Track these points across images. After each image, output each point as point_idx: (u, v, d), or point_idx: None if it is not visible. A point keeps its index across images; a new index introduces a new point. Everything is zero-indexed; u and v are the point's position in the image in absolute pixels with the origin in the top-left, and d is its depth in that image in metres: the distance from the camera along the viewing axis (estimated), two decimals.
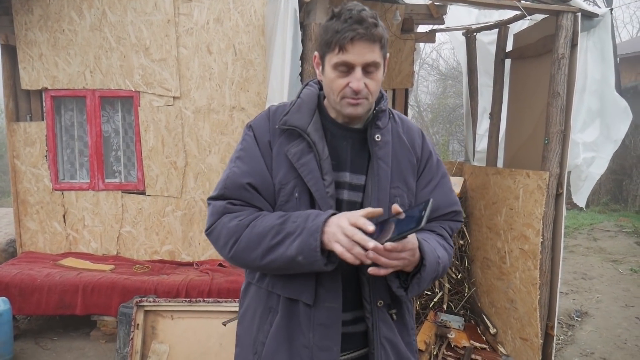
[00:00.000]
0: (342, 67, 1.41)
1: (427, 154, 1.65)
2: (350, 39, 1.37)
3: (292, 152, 1.47)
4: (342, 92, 1.43)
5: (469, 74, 5.24)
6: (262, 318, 1.54)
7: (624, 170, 10.73)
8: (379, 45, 1.41)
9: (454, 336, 4.12)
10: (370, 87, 1.43)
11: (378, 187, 1.49)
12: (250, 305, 1.60)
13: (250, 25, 4.71)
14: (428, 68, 17.43)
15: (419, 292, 1.48)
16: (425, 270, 1.42)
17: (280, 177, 1.48)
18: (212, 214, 1.51)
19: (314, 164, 1.45)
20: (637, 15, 32.58)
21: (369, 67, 1.41)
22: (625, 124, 3.85)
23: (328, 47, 1.43)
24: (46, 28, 4.70)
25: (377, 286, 1.52)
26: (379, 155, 1.51)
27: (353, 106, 1.44)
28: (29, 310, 4.13)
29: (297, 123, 1.49)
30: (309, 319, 1.47)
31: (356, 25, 1.37)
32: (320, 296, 1.46)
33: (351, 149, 1.53)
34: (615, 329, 4.75)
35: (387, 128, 1.56)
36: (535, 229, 3.63)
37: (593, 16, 3.65)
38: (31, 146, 4.85)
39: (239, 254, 1.44)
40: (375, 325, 1.53)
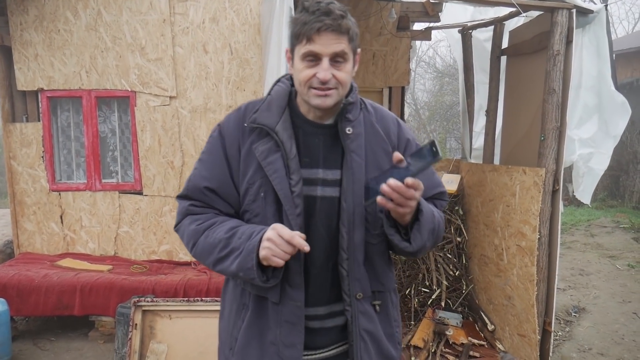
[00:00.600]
0: (310, 57, 1.41)
1: (405, 141, 1.64)
2: (317, 29, 1.37)
3: (259, 150, 1.48)
4: (309, 82, 1.43)
5: (465, 71, 5.25)
6: (237, 314, 1.58)
7: (621, 166, 10.76)
8: (347, 37, 1.42)
9: (452, 333, 4.13)
10: (338, 77, 1.43)
11: (353, 180, 1.49)
12: (228, 301, 1.65)
13: (246, 24, 4.71)
14: (425, 66, 17.44)
15: (421, 242, 1.47)
16: (422, 215, 1.44)
17: (249, 176, 1.49)
18: (178, 212, 1.60)
19: (280, 163, 1.46)
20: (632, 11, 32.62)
21: (336, 57, 1.41)
22: (624, 120, 3.86)
23: (296, 38, 1.43)
24: (42, 28, 4.69)
25: (356, 278, 1.53)
26: (352, 148, 1.51)
27: (321, 97, 1.43)
28: (26, 311, 4.13)
29: (265, 121, 1.49)
30: (276, 316, 1.50)
31: (323, 16, 1.38)
32: (286, 294, 1.48)
33: (323, 145, 1.53)
34: (613, 324, 4.76)
35: (358, 120, 1.55)
36: (532, 225, 3.63)
37: (588, 12, 3.66)
38: (27, 147, 4.84)
39: (197, 256, 1.52)
40: (354, 317, 1.53)
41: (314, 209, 1.50)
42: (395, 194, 1.31)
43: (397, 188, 1.30)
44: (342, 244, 1.50)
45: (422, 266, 4.70)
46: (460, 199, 4.92)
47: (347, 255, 1.50)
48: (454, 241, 4.78)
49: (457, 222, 4.81)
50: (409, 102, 15.47)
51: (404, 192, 1.30)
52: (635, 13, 27.62)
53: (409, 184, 1.29)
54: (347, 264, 1.51)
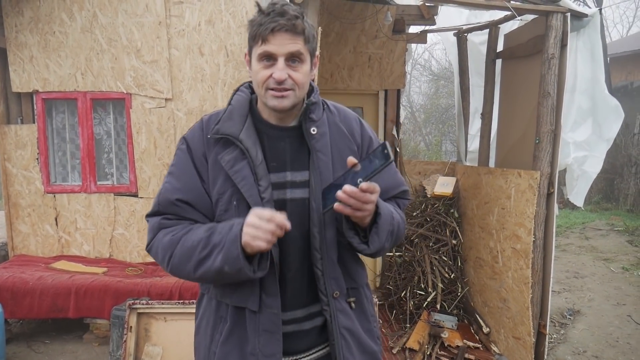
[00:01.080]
0: (265, 58, 1.43)
1: (368, 139, 1.66)
2: (272, 29, 1.39)
3: (225, 159, 1.48)
4: (265, 83, 1.43)
5: (461, 74, 5.27)
6: (215, 327, 1.56)
7: (615, 169, 10.81)
8: (302, 38, 1.43)
9: (447, 336, 4.14)
10: (295, 78, 1.43)
11: (321, 179, 1.50)
12: (204, 316, 1.63)
13: (242, 26, 4.71)
14: (420, 69, 17.47)
15: (379, 244, 1.50)
16: (380, 218, 1.46)
17: (218, 187, 1.49)
18: (149, 230, 1.54)
19: (247, 171, 1.46)
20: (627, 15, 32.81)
21: (292, 57, 1.43)
22: (617, 123, 3.88)
23: (253, 40, 1.45)
24: (37, 30, 4.68)
25: (331, 277, 1.54)
26: (317, 148, 1.52)
27: (278, 98, 1.44)
28: (21, 314, 4.11)
29: (228, 131, 1.49)
30: (255, 326, 1.49)
31: (278, 17, 1.39)
32: (263, 302, 1.48)
33: (290, 147, 1.53)
34: (607, 327, 4.78)
35: (322, 120, 1.56)
36: (527, 228, 3.65)
37: (582, 16, 3.68)
38: (22, 149, 4.82)
39: (175, 268, 1.47)
40: (333, 316, 1.54)
41: (285, 212, 1.49)
42: (352, 199, 1.34)
43: (353, 194, 1.32)
44: (314, 244, 1.51)
45: (418, 269, 4.71)
46: (455, 202, 4.94)
47: (321, 255, 1.51)
48: (449, 244, 4.79)
49: (452, 225, 4.82)
50: (404, 104, 15.46)
51: (359, 197, 1.33)
52: (630, 17, 27.79)
53: (363, 188, 1.32)
54: (322, 263, 1.52)
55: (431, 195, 5.03)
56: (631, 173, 10.53)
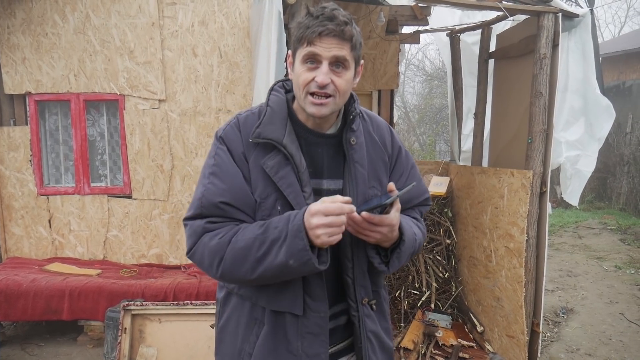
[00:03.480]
0: (310, 60, 1.41)
1: (397, 149, 1.67)
2: (319, 33, 1.37)
3: (269, 165, 1.44)
4: (307, 86, 1.41)
5: (454, 74, 5.28)
6: (247, 329, 1.53)
7: (608, 168, 10.87)
8: (350, 45, 1.41)
9: (441, 335, 4.15)
10: (337, 84, 1.41)
11: (357, 190, 1.51)
12: (232, 316, 1.59)
13: (235, 27, 4.72)
14: (414, 69, 17.50)
15: (398, 266, 1.52)
16: (404, 245, 1.48)
17: (260, 191, 1.45)
18: (190, 235, 1.46)
19: (293, 177, 1.44)
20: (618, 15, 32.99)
21: (337, 62, 1.40)
22: (608, 123, 3.90)
23: (298, 42, 1.43)
24: (29, 32, 4.66)
25: (361, 285, 1.56)
26: (356, 159, 1.52)
27: (317, 106, 1.42)
28: (14, 316, 4.09)
29: (272, 135, 1.45)
30: (297, 328, 1.48)
31: (326, 21, 1.38)
32: (308, 306, 1.47)
33: (326, 154, 1.53)
34: (600, 325, 4.81)
35: (359, 130, 1.56)
36: (520, 227, 3.67)
37: (573, 16, 3.71)
38: (15, 151, 4.80)
39: (227, 272, 1.40)
40: (361, 321, 1.56)
41: None
42: (351, 222, 1.37)
43: (352, 218, 1.36)
44: (346, 254, 1.52)
45: (412, 268, 4.72)
46: (449, 201, 4.95)
47: (352, 264, 1.53)
48: (443, 243, 4.81)
49: (446, 224, 4.84)
50: (398, 105, 15.52)
51: (358, 222, 1.36)
52: (622, 17, 27.95)
53: (364, 217, 1.35)
54: (352, 272, 1.53)
55: None
56: (624, 172, 10.60)
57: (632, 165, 10.41)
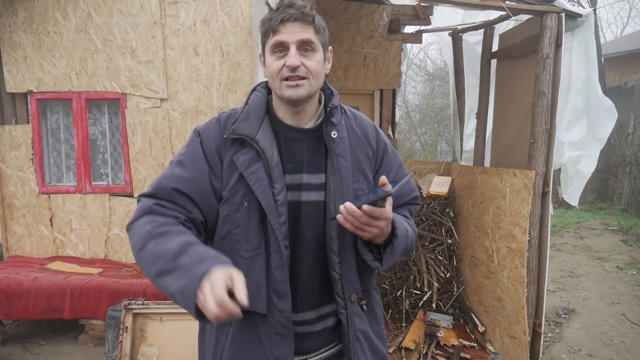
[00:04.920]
0: (278, 49, 1.44)
1: (383, 146, 1.66)
2: (281, 20, 1.41)
3: (240, 160, 1.45)
4: (280, 73, 1.43)
5: (456, 74, 5.28)
6: (219, 330, 1.53)
7: (610, 169, 10.85)
8: (313, 28, 1.44)
9: (443, 335, 4.15)
10: (308, 66, 1.43)
11: (341, 183, 1.50)
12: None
13: (237, 26, 4.71)
14: (416, 68, 17.49)
15: (392, 262, 1.50)
16: (397, 239, 1.47)
17: (230, 186, 1.46)
18: (138, 209, 1.47)
19: (262, 172, 1.44)
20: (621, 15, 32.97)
21: (304, 46, 1.43)
22: (611, 123, 3.90)
23: (264, 35, 1.47)
24: (31, 30, 4.66)
25: (350, 280, 1.53)
26: (338, 152, 1.51)
27: (292, 88, 1.43)
28: (16, 315, 4.09)
29: (244, 132, 1.47)
30: (266, 328, 1.47)
31: (286, 8, 1.42)
32: (274, 304, 1.46)
33: (306, 149, 1.52)
34: (602, 325, 4.80)
35: (341, 124, 1.56)
36: (522, 227, 3.66)
37: (577, 16, 3.70)
38: (17, 149, 4.80)
39: (139, 262, 1.38)
40: (350, 319, 1.54)
41: (299, 214, 1.49)
42: (350, 217, 1.35)
43: (352, 212, 1.34)
44: (332, 248, 1.50)
45: (414, 268, 4.72)
46: (451, 201, 4.95)
47: (339, 259, 1.50)
48: (444, 243, 4.80)
49: (448, 224, 4.83)
50: (400, 104, 15.51)
51: (357, 217, 1.34)
52: (624, 17, 27.91)
53: (365, 210, 1.33)
54: (340, 267, 1.51)
55: (427, 194, 5.04)
56: (625, 173, 10.58)
57: (633, 166, 10.39)
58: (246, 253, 1.46)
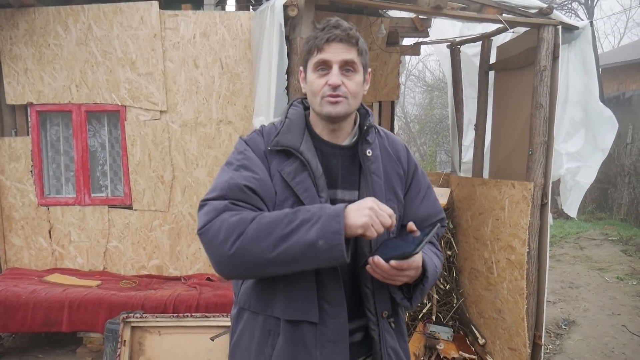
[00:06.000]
0: (321, 67, 1.48)
1: (413, 166, 1.69)
2: (327, 39, 1.46)
3: (286, 171, 1.48)
4: (321, 91, 1.48)
5: (454, 85, 5.30)
6: (261, 343, 1.51)
7: (609, 179, 10.87)
8: (357, 50, 1.49)
9: (443, 347, 4.13)
10: (348, 86, 1.48)
11: None
12: (245, 330, 1.57)
13: (236, 39, 4.73)
14: (414, 79, 17.57)
15: (421, 300, 1.54)
16: (427, 281, 1.49)
17: (279, 194, 1.48)
18: (208, 212, 1.41)
19: (309, 182, 1.47)
20: (618, 26, 33.17)
21: (346, 66, 1.48)
22: (612, 133, 3.91)
23: (308, 53, 1.51)
24: (32, 43, 4.68)
25: (381, 296, 1.55)
26: (372, 170, 1.54)
27: (332, 104, 1.47)
28: (13, 328, 4.07)
29: (289, 143, 1.50)
30: (315, 337, 1.47)
31: (333, 29, 1.47)
32: (325, 312, 1.47)
33: (341, 165, 1.56)
34: (603, 337, 4.78)
35: (375, 143, 1.60)
36: (521, 239, 3.66)
37: (573, 29, 3.72)
38: (16, 161, 4.81)
39: (245, 246, 1.33)
40: (382, 335, 1.55)
41: None
42: (379, 270, 1.38)
43: (380, 266, 1.37)
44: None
45: None
46: (450, 213, 4.94)
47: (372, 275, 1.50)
48: (444, 255, 4.80)
49: (447, 236, 4.83)
50: (399, 115, 15.56)
51: (386, 270, 1.37)
52: (621, 28, 28.07)
53: (393, 265, 1.35)
54: (372, 283, 1.52)
55: None
56: (624, 183, 10.59)
57: (632, 176, 10.40)
58: None
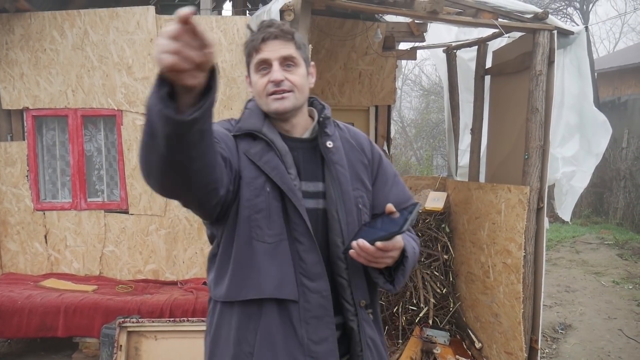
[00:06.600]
0: (262, 67, 1.50)
1: (378, 156, 1.70)
2: (262, 39, 1.48)
3: (252, 152, 1.49)
4: (265, 89, 1.49)
5: (450, 90, 5.31)
6: (241, 328, 1.47)
7: (604, 183, 10.90)
8: (294, 44, 1.51)
9: (439, 351, 4.13)
10: (292, 80, 1.50)
11: (341, 190, 1.52)
12: (222, 322, 1.52)
13: (233, 43, 4.74)
14: (411, 84, 17.62)
15: (403, 282, 1.52)
16: (407, 261, 1.47)
17: (247, 172, 1.48)
18: None
19: (277, 160, 1.48)
20: (613, 31, 33.33)
21: (286, 62, 1.50)
22: (606, 138, 3.93)
23: (249, 56, 1.54)
24: (27, 47, 4.68)
25: (358, 286, 1.53)
26: (335, 160, 1.54)
27: (278, 100, 1.49)
28: (9, 334, 4.05)
29: (251, 126, 1.52)
30: (299, 314, 1.45)
31: (267, 28, 1.49)
32: (306, 287, 1.46)
33: (302, 158, 1.55)
34: (599, 341, 4.79)
35: (335, 135, 1.60)
36: (517, 243, 3.66)
37: (569, 34, 3.74)
38: (12, 166, 4.79)
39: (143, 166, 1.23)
40: (360, 326, 1.53)
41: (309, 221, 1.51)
42: (363, 253, 1.36)
43: (365, 249, 1.35)
44: (337, 254, 1.51)
45: (410, 284, 4.71)
46: (446, 217, 4.95)
47: (346, 265, 1.51)
48: (440, 259, 4.80)
49: (443, 240, 4.83)
50: (395, 119, 15.58)
51: (372, 253, 1.35)
52: (616, 33, 28.22)
53: (380, 247, 1.34)
54: (347, 273, 1.51)
55: (422, 210, 5.05)
56: (620, 187, 10.63)
57: (628, 180, 10.44)
58: (269, 238, 1.46)
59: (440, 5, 3.52)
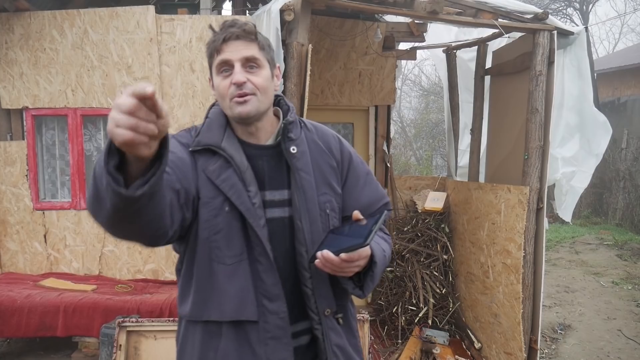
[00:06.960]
0: (224, 68, 1.44)
1: (348, 155, 1.65)
2: (224, 39, 1.42)
3: (210, 170, 1.44)
4: (228, 92, 1.43)
5: (450, 90, 5.31)
6: (203, 347, 1.48)
7: (604, 183, 10.90)
8: (257, 45, 1.45)
9: (439, 351, 4.13)
10: (255, 82, 1.43)
11: (305, 198, 1.49)
12: (187, 338, 1.52)
13: None
14: (410, 84, 17.61)
15: (373, 287, 1.49)
16: (376, 266, 1.45)
17: (205, 192, 1.43)
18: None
19: (235, 178, 1.43)
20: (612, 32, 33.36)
21: (249, 63, 1.44)
22: (605, 139, 3.93)
23: (210, 57, 1.47)
24: (27, 47, 4.67)
25: (322, 295, 1.51)
26: (299, 167, 1.50)
27: (241, 105, 1.43)
28: (8, 333, 4.05)
29: (209, 141, 1.46)
30: (258, 335, 1.44)
31: (229, 28, 1.43)
32: (265, 309, 1.44)
33: (267, 166, 1.51)
34: (598, 341, 4.79)
35: (300, 138, 1.55)
36: (517, 243, 3.66)
37: (569, 34, 3.75)
38: (11, 166, 4.79)
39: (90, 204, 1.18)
40: (325, 334, 1.52)
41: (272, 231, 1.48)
42: (328, 264, 1.33)
43: (330, 260, 1.32)
44: (302, 263, 1.49)
45: (409, 284, 4.71)
46: (446, 217, 4.95)
47: (310, 274, 1.49)
48: (440, 259, 4.80)
49: (443, 240, 4.83)
50: (395, 119, 15.58)
51: (336, 264, 1.33)
52: (616, 33, 28.24)
53: (344, 258, 1.31)
54: (311, 282, 1.49)
55: (422, 210, 5.05)
56: (619, 187, 10.63)
57: (627, 181, 10.44)
58: (229, 259, 1.44)
59: (440, 6, 3.52)
